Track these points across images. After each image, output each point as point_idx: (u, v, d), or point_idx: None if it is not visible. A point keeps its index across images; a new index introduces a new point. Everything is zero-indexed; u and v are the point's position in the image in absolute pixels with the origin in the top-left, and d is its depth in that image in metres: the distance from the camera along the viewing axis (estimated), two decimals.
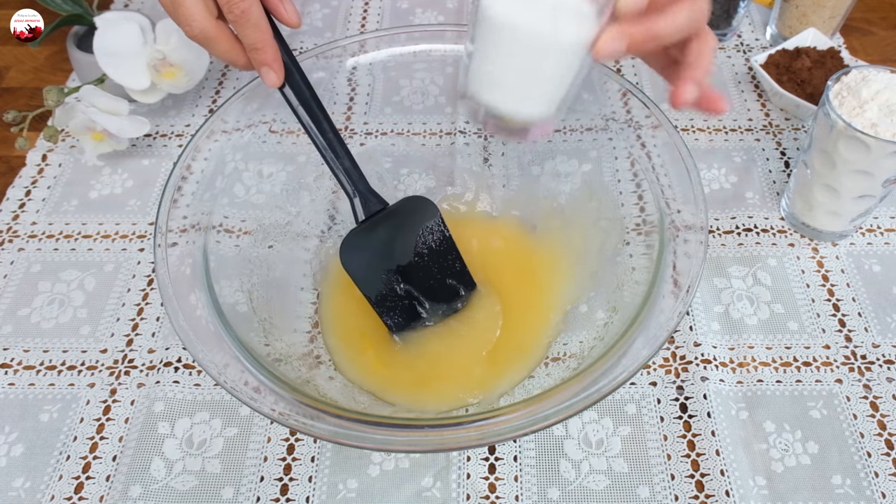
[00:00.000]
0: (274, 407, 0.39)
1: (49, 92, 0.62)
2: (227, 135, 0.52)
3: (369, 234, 0.51)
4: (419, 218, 0.52)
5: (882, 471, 0.48)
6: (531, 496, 0.48)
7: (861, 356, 0.54)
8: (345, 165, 0.49)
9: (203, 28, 0.41)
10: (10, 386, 0.53)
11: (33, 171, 0.67)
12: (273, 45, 0.44)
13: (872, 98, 0.52)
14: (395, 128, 0.65)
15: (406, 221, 0.52)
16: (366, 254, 0.51)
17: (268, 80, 0.45)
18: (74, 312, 0.57)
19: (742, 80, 0.74)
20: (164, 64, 0.65)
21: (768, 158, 0.67)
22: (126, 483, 0.48)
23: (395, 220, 0.51)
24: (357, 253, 0.51)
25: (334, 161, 0.49)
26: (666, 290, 0.43)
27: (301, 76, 0.46)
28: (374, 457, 0.49)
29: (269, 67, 0.44)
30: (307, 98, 0.46)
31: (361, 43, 0.57)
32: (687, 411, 0.51)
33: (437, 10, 0.83)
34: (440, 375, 0.52)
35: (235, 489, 0.48)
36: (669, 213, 0.47)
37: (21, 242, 0.62)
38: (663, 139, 0.50)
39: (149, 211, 0.64)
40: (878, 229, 0.62)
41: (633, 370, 0.39)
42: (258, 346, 0.45)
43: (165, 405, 0.52)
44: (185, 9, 0.41)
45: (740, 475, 0.48)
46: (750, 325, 0.55)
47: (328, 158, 0.48)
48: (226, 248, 0.50)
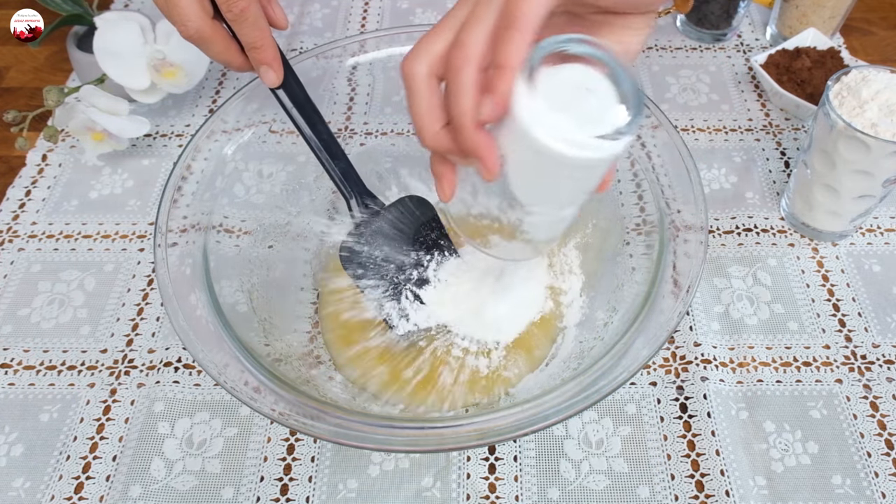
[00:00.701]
0: (274, 407, 0.39)
1: (49, 92, 0.62)
2: (227, 135, 0.52)
3: (367, 235, 0.51)
4: (415, 217, 0.53)
5: (882, 471, 0.48)
6: (531, 496, 0.48)
7: (861, 356, 0.54)
8: (340, 167, 0.49)
9: (199, 28, 0.41)
10: (10, 386, 0.53)
11: (33, 171, 0.67)
12: (273, 44, 0.44)
13: (872, 98, 0.52)
14: (395, 128, 0.65)
15: (403, 220, 0.52)
16: (365, 255, 0.51)
17: (267, 80, 0.45)
18: (74, 312, 0.57)
19: (742, 80, 0.74)
20: (164, 64, 0.65)
21: (768, 158, 0.67)
22: (126, 483, 0.48)
23: (392, 220, 0.52)
24: (356, 255, 0.51)
25: (329, 162, 0.49)
26: (666, 290, 0.43)
27: (294, 78, 0.46)
28: (374, 457, 0.49)
29: (269, 66, 0.44)
30: (301, 100, 0.47)
31: (361, 43, 0.57)
32: (687, 411, 0.51)
33: (437, 10, 0.83)
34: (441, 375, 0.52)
35: (235, 489, 0.48)
36: (669, 213, 0.47)
37: (21, 242, 0.62)
38: (663, 139, 0.50)
39: (149, 211, 0.64)
40: (878, 229, 0.62)
41: (633, 370, 0.39)
42: (258, 346, 0.45)
43: (165, 405, 0.52)
44: (181, 9, 0.41)
45: (740, 475, 0.48)
46: (750, 325, 0.55)
47: (323, 159, 0.49)
48: (226, 248, 0.50)
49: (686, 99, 0.73)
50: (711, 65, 0.76)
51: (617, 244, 0.52)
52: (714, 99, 0.73)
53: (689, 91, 0.73)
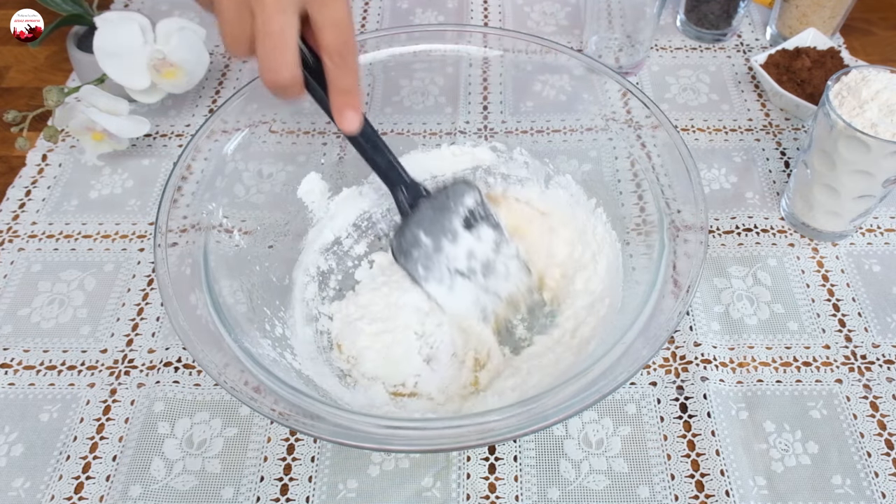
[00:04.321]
0: (274, 407, 0.39)
1: (49, 92, 0.62)
2: (227, 135, 0.52)
3: (416, 224, 0.52)
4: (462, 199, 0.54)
5: (882, 471, 0.48)
6: (531, 496, 0.48)
7: (861, 356, 0.54)
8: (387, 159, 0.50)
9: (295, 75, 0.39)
10: (10, 386, 0.53)
11: (33, 171, 0.67)
12: (360, 91, 0.43)
13: (872, 98, 0.52)
14: (395, 128, 0.65)
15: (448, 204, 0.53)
16: (415, 244, 0.52)
17: (352, 126, 0.44)
18: (74, 312, 0.57)
19: (742, 80, 0.74)
20: (164, 64, 0.65)
21: (768, 158, 0.67)
22: (126, 483, 0.48)
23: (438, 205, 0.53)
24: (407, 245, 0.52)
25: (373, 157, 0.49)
26: (666, 290, 0.43)
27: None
28: (374, 457, 0.49)
29: (355, 112, 0.43)
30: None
31: (361, 43, 0.57)
32: (687, 411, 0.51)
33: (437, 10, 0.83)
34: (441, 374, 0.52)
35: (235, 489, 0.48)
36: (669, 213, 0.47)
37: (21, 242, 0.62)
38: (663, 139, 0.50)
39: (149, 211, 0.64)
40: (878, 229, 0.62)
41: (633, 370, 0.39)
42: (258, 346, 0.45)
43: (165, 405, 0.52)
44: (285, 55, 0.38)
45: (740, 475, 0.48)
46: (750, 325, 0.55)
47: (368, 153, 0.49)
48: (226, 248, 0.50)
49: (686, 99, 0.73)
50: (711, 65, 0.76)
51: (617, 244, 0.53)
52: (714, 99, 0.73)
53: (689, 91, 0.73)
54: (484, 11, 0.83)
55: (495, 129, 0.63)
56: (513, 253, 0.55)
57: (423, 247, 0.52)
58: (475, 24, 0.81)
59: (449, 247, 0.52)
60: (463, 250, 0.53)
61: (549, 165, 0.60)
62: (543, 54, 0.56)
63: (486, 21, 0.82)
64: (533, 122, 0.62)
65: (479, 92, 0.65)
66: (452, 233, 0.53)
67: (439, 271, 0.52)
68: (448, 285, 0.52)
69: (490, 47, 0.58)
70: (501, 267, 0.54)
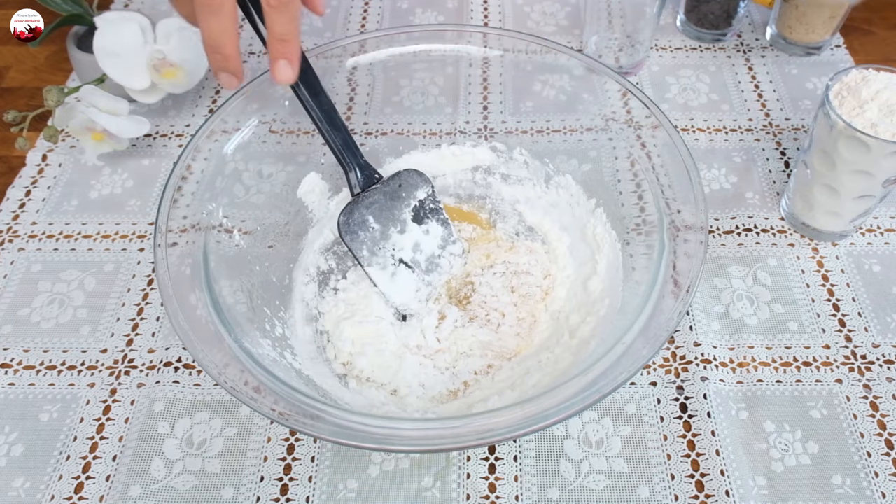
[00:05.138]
0: (274, 407, 0.39)
1: (49, 92, 0.62)
2: (227, 135, 0.52)
3: (366, 206, 0.53)
4: (413, 190, 0.55)
5: (882, 471, 0.48)
6: (531, 496, 0.48)
7: (861, 356, 0.54)
8: (343, 138, 0.51)
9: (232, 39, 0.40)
10: (10, 386, 0.53)
11: (33, 171, 0.67)
12: (299, 40, 0.42)
13: (872, 98, 0.52)
14: (395, 128, 0.65)
15: (400, 193, 0.55)
16: (363, 226, 0.53)
17: (284, 76, 0.43)
18: (74, 312, 0.57)
19: (742, 80, 0.74)
20: (164, 64, 0.65)
21: (768, 158, 0.67)
22: (126, 483, 0.48)
23: (390, 192, 0.54)
24: (355, 225, 0.53)
25: (330, 133, 0.50)
26: (666, 290, 0.43)
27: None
28: (374, 457, 0.49)
29: (290, 62, 0.43)
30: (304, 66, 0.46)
31: (361, 43, 0.57)
32: (687, 411, 0.51)
33: (437, 10, 0.83)
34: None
35: (235, 489, 0.48)
36: (669, 213, 0.47)
37: (21, 242, 0.62)
38: (663, 139, 0.50)
39: (149, 211, 0.64)
40: (878, 229, 0.62)
41: (633, 370, 0.39)
42: (258, 346, 0.45)
43: (165, 405, 0.52)
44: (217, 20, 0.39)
45: (740, 475, 0.48)
46: (750, 325, 0.55)
47: (323, 130, 0.50)
48: (226, 248, 0.50)
49: (686, 99, 0.73)
50: (711, 65, 0.76)
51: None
52: (714, 99, 0.73)
53: (689, 91, 0.73)
54: (484, 11, 0.83)
55: (495, 129, 0.63)
56: (458, 251, 0.57)
57: (370, 230, 0.54)
58: (475, 24, 0.81)
59: (396, 236, 0.54)
60: (410, 241, 0.55)
61: (549, 165, 0.60)
62: (543, 54, 0.57)
63: (486, 21, 0.82)
64: (533, 122, 0.62)
65: (479, 92, 0.65)
66: (402, 223, 0.55)
67: (384, 258, 0.54)
68: (391, 273, 0.54)
69: (490, 47, 0.58)
70: (445, 263, 0.56)
